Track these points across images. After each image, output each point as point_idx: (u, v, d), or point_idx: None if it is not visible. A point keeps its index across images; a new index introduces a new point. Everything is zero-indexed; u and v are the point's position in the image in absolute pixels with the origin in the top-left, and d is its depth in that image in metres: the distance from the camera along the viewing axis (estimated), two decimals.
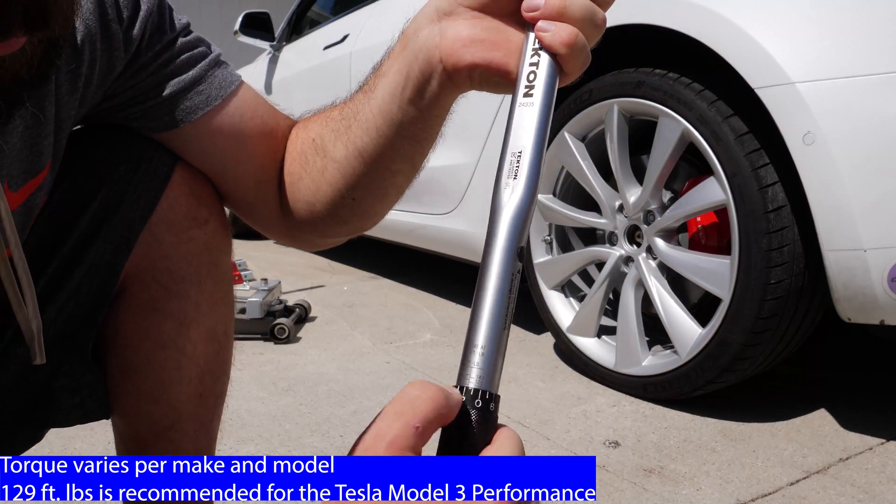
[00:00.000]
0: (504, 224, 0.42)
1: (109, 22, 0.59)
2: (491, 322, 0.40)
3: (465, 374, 0.40)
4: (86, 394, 0.69)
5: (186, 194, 0.67)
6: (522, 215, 0.43)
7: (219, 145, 0.67)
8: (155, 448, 0.72)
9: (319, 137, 0.66)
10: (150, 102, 0.63)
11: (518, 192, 0.43)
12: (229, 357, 0.76)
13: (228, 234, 0.73)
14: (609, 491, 1.22)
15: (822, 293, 1.37)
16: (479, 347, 0.40)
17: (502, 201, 0.43)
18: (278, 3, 5.54)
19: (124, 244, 0.65)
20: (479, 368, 0.39)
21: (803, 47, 1.25)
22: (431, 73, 0.53)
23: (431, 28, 0.53)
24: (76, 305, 0.65)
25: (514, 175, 0.44)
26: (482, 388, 0.39)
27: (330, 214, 0.68)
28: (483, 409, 0.39)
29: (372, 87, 0.59)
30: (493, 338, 0.40)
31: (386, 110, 0.58)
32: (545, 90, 0.45)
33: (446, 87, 0.54)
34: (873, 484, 1.23)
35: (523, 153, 0.44)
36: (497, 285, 0.41)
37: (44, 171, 0.58)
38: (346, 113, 0.62)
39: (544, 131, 0.45)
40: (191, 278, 0.68)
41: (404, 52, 0.55)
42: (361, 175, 0.63)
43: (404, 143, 0.59)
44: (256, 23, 3.64)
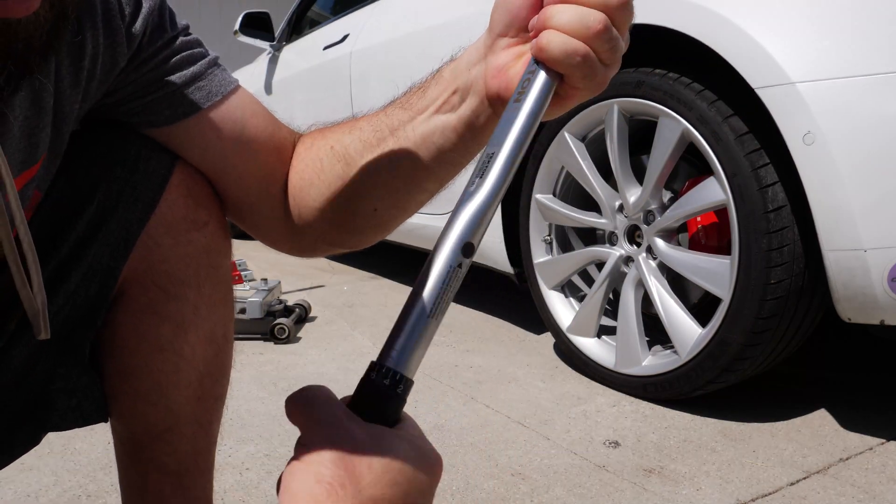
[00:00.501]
0: (457, 218, 0.44)
1: (112, 17, 0.59)
2: (420, 309, 0.42)
3: (385, 352, 0.42)
4: (82, 396, 0.68)
5: (185, 196, 0.67)
6: (477, 213, 0.44)
7: (220, 140, 0.66)
8: (153, 450, 0.72)
9: (340, 145, 0.66)
10: (151, 97, 0.63)
11: (480, 190, 0.45)
12: (229, 359, 0.75)
13: (228, 236, 0.72)
14: (609, 491, 1.22)
15: (822, 293, 1.37)
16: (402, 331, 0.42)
17: (463, 198, 0.45)
18: (278, 3, 5.54)
19: (122, 247, 0.65)
20: (396, 350, 0.42)
21: (803, 47, 1.25)
22: (479, 107, 0.56)
23: (480, 65, 0.56)
24: (73, 308, 0.65)
25: (479, 174, 0.45)
26: (394, 368, 0.41)
27: (344, 222, 0.68)
28: (390, 389, 0.41)
29: (413, 107, 0.61)
30: (418, 323, 0.41)
31: (429, 135, 0.60)
32: (532, 96, 0.47)
33: (493, 119, 0.56)
34: (873, 484, 1.23)
35: (495, 154, 0.45)
36: (434, 274, 0.42)
37: (37, 163, 0.58)
38: (379, 125, 0.63)
39: (522, 135, 0.46)
40: (189, 281, 0.68)
41: (455, 83, 0.58)
42: (390, 189, 0.64)
43: (440, 166, 0.62)
44: (256, 23, 3.64)
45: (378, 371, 0.41)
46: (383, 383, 0.41)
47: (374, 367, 0.42)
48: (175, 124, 0.65)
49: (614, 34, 0.48)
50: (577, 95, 0.51)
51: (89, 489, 1.21)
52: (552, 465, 1.32)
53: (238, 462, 1.32)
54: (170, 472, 0.72)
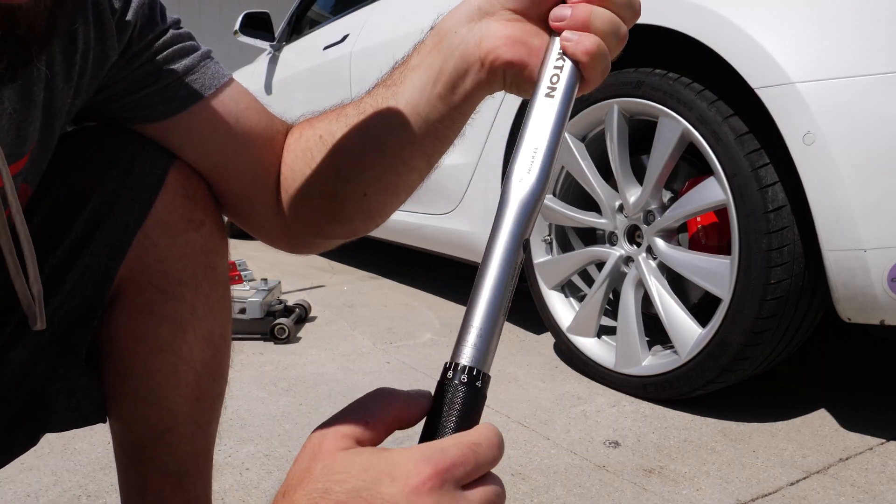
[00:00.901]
0: (513, 214, 0.45)
1: (102, 11, 0.59)
2: (490, 305, 0.42)
3: (459, 351, 0.42)
4: (81, 396, 0.68)
5: (181, 196, 0.66)
6: (531, 208, 0.45)
7: (216, 134, 0.66)
8: (152, 451, 0.71)
9: (328, 133, 0.65)
10: (144, 91, 0.63)
11: (529, 185, 0.45)
12: (227, 360, 0.75)
13: (225, 235, 0.72)
14: (609, 491, 1.22)
15: (822, 293, 1.37)
16: (476, 328, 0.42)
17: (514, 193, 0.45)
18: (278, 3, 5.54)
19: (119, 248, 0.65)
20: (474, 347, 0.41)
21: (803, 47, 1.25)
22: (468, 69, 0.55)
23: (472, 26, 0.54)
24: (71, 309, 0.65)
25: (528, 169, 0.46)
26: (475, 366, 0.41)
27: (335, 212, 0.67)
28: (471, 385, 0.41)
29: (397, 82, 0.60)
30: (490, 320, 0.42)
31: (413, 103, 0.59)
32: (565, 93, 0.48)
33: (480, 85, 0.55)
34: (873, 484, 1.23)
35: (538, 149, 0.46)
36: (499, 271, 0.43)
37: (25, 157, 0.58)
38: (364, 108, 0.63)
39: (560, 131, 0.47)
40: (187, 281, 0.67)
41: (439, 47, 0.56)
42: (378, 170, 0.63)
43: (427, 139, 0.60)
44: (256, 23, 3.64)
45: (455, 370, 0.41)
46: (465, 381, 0.41)
47: (451, 367, 0.41)
48: (169, 119, 0.65)
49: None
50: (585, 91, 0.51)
51: (89, 489, 1.21)
52: (552, 465, 1.32)
53: (238, 462, 1.32)
54: (169, 473, 0.72)
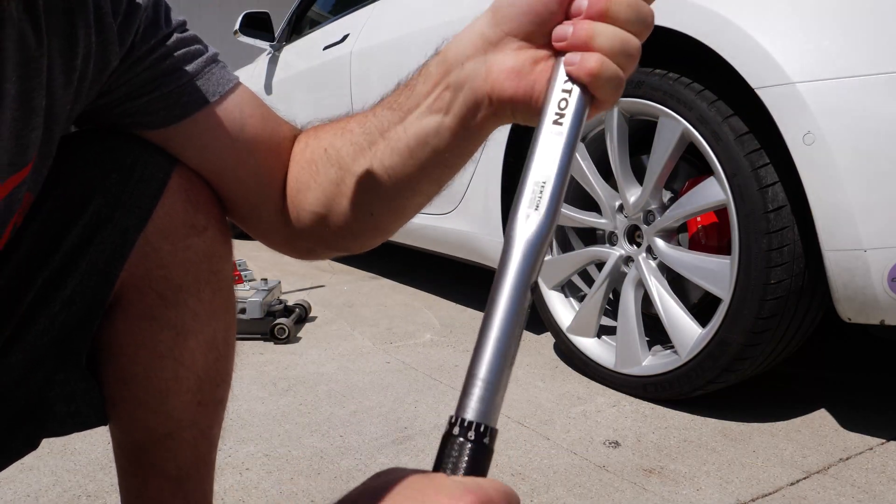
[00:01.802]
0: (519, 255, 0.42)
1: (104, 15, 0.58)
2: (495, 355, 0.39)
3: (464, 405, 0.39)
4: (81, 402, 0.68)
5: (183, 201, 0.65)
6: (538, 248, 0.42)
7: (219, 142, 0.65)
8: (153, 456, 0.71)
9: (333, 148, 0.64)
10: (146, 98, 0.62)
11: (536, 223, 0.42)
12: (230, 364, 0.74)
13: (228, 241, 0.71)
14: (609, 491, 1.22)
15: (822, 293, 1.37)
16: (481, 380, 0.39)
17: (519, 231, 0.42)
18: (278, 3, 5.54)
19: (119, 252, 0.64)
20: (481, 401, 0.39)
21: (803, 47, 1.25)
22: (478, 105, 0.53)
23: (478, 60, 0.52)
24: (70, 314, 0.64)
25: (535, 206, 0.43)
26: (482, 422, 0.38)
27: (342, 227, 0.67)
28: (478, 442, 0.38)
29: (402, 107, 0.59)
30: (496, 371, 0.39)
31: (422, 135, 0.57)
32: (573, 120, 0.45)
33: (490, 119, 0.54)
34: (873, 484, 1.23)
35: (546, 184, 0.43)
36: (505, 318, 0.40)
37: (28, 165, 0.57)
38: (370, 128, 0.61)
39: (569, 162, 0.44)
40: (188, 287, 0.67)
41: (447, 80, 0.54)
42: (385, 192, 0.62)
43: (435, 168, 0.59)
44: (256, 23, 3.64)
45: (461, 426, 0.39)
46: (470, 437, 0.38)
47: (456, 423, 0.39)
48: (171, 126, 0.64)
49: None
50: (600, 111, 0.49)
51: (89, 489, 1.21)
52: (552, 465, 1.32)
53: (238, 462, 1.32)
54: (170, 478, 0.72)
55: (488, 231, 2.06)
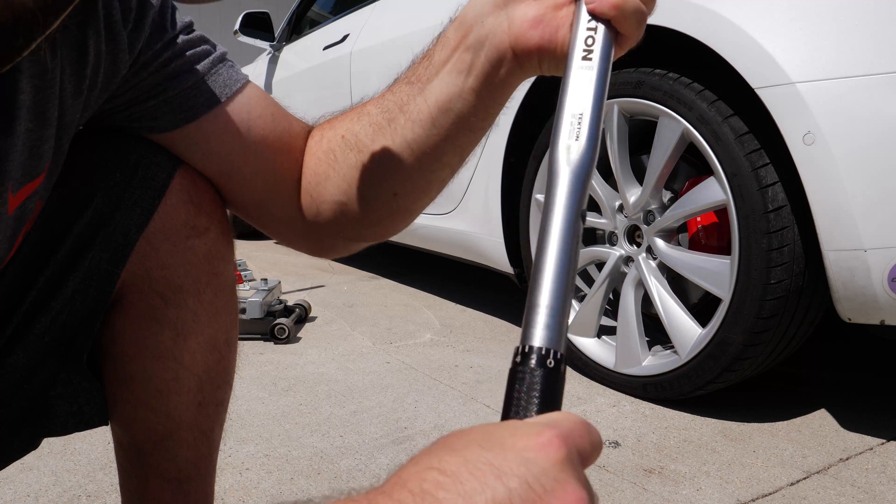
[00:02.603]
0: (566, 184, 0.42)
1: (114, 23, 0.57)
2: (557, 282, 0.39)
3: (529, 333, 0.38)
4: (83, 401, 0.68)
5: (185, 203, 0.65)
6: (584, 176, 0.42)
7: (224, 144, 0.65)
8: (153, 456, 0.71)
9: (351, 133, 0.64)
10: (152, 102, 0.62)
11: (579, 152, 0.43)
12: (231, 365, 0.74)
13: (230, 242, 0.71)
14: (609, 491, 1.22)
15: (822, 293, 1.37)
16: (545, 307, 0.39)
17: (562, 162, 0.43)
18: (278, 3, 5.54)
19: (120, 252, 0.64)
20: (547, 328, 0.38)
21: (803, 47, 1.25)
22: (501, 60, 0.53)
23: (498, 15, 0.53)
24: (71, 313, 0.65)
25: (575, 136, 0.43)
26: (551, 347, 0.38)
27: (364, 214, 0.66)
28: (549, 368, 0.37)
29: (422, 78, 0.59)
30: (560, 297, 0.39)
31: (444, 101, 0.57)
32: (602, 54, 0.46)
33: (514, 73, 0.54)
34: (873, 484, 1.23)
35: (584, 115, 0.44)
36: (561, 245, 0.40)
37: (41, 175, 0.57)
38: (388, 105, 0.61)
39: (603, 94, 0.45)
40: (189, 288, 0.67)
41: (466, 40, 0.55)
42: (408, 168, 0.62)
43: (459, 134, 0.59)
44: (256, 23, 3.64)
45: (532, 353, 0.37)
46: (544, 364, 0.37)
47: (526, 352, 0.38)
48: (176, 130, 0.63)
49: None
50: (626, 48, 0.50)
51: (89, 489, 1.21)
52: None
53: (238, 462, 1.32)
54: (170, 479, 0.72)
55: (488, 231, 2.06)
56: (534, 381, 0.37)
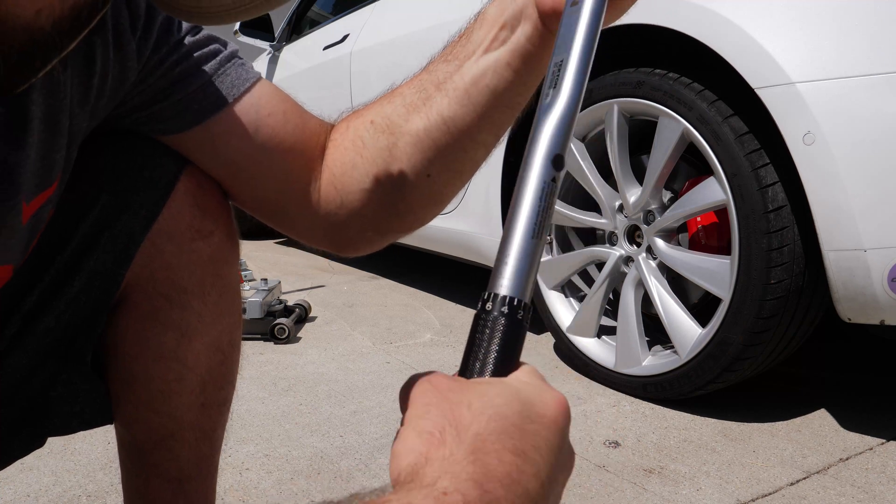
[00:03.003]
0: (539, 131, 0.41)
1: (123, 32, 0.57)
2: (524, 230, 0.39)
3: (495, 282, 0.39)
4: (85, 402, 0.68)
5: (190, 205, 0.65)
6: (560, 123, 0.41)
7: (231, 145, 0.64)
8: (155, 456, 0.71)
9: (381, 116, 0.63)
10: (159, 105, 0.62)
11: (556, 100, 0.42)
12: (234, 367, 0.74)
13: (235, 244, 0.71)
14: (609, 491, 1.22)
15: (822, 293, 1.37)
16: (511, 256, 0.39)
17: (539, 111, 0.42)
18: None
19: (125, 253, 0.64)
20: (511, 276, 0.38)
21: (803, 47, 1.25)
22: (533, 32, 0.54)
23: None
24: (75, 314, 0.65)
25: (553, 84, 0.42)
26: (514, 296, 0.38)
27: (393, 200, 0.65)
28: (511, 316, 0.38)
29: (460, 56, 0.59)
30: (525, 246, 0.39)
31: (480, 77, 0.58)
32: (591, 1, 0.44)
33: (547, 40, 0.54)
34: (873, 484, 1.23)
35: (564, 62, 0.43)
36: (529, 193, 0.40)
37: (53, 184, 0.57)
38: (424, 84, 0.61)
39: (589, 40, 0.43)
40: (193, 290, 0.66)
41: (502, 18, 0.56)
42: (444, 147, 0.61)
43: (495, 111, 0.59)
44: (256, 22, 3.64)
45: (494, 300, 0.38)
46: (501, 311, 0.37)
47: (487, 299, 0.38)
48: (183, 132, 0.63)
49: None
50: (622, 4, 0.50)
51: (89, 489, 1.21)
52: None
53: (238, 462, 1.32)
54: (171, 479, 0.72)
55: (488, 231, 2.06)
56: (496, 329, 0.37)
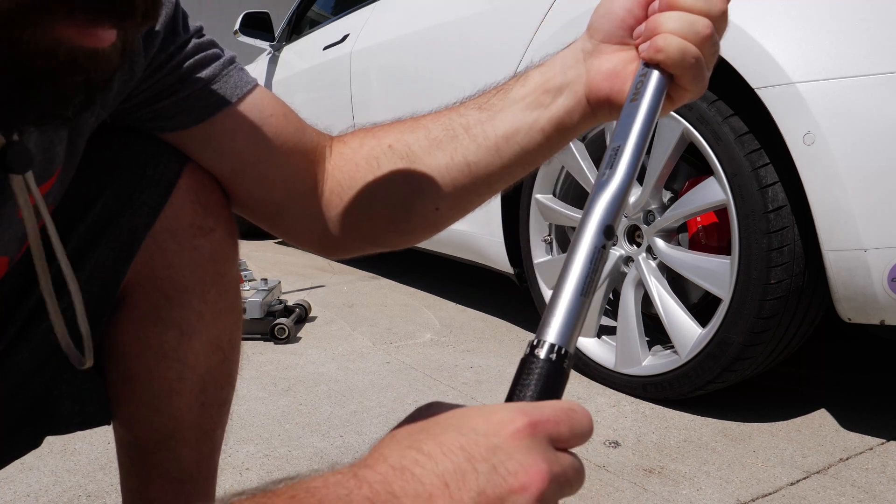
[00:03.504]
0: (594, 203, 0.47)
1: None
2: (573, 288, 0.44)
3: (544, 330, 0.43)
4: (86, 401, 0.68)
5: (192, 202, 0.65)
6: (613, 199, 0.47)
7: (235, 143, 0.65)
8: (155, 456, 0.71)
9: (401, 143, 0.65)
10: (164, 103, 0.62)
11: (612, 179, 0.47)
12: (235, 366, 0.74)
13: (235, 243, 0.71)
14: (609, 491, 1.22)
15: (822, 293, 1.37)
16: (562, 308, 0.43)
17: (597, 186, 0.48)
18: (278, 3, 5.55)
19: (126, 250, 0.64)
20: (560, 326, 0.42)
21: (803, 47, 1.25)
22: (576, 107, 0.58)
23: (579, 66, 0.58)
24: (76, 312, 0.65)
25: (610, 165, 0.48)
26: (561, 345, 0.42)
27: (398, 222, 0.67)
28: (556, 362, 0.41)
29: (495, 108, 0.62)
30: (576, 301, 0.43)
31: (511, 134, 0.61)
32: (646, 94, 0.51)
33: (587, 120, 0.59)
34: (873, 484, 1.23)
35: (621, 147, 0.49)
36: (582, 255, 0.45)
37: (53, 177, 0.57)
38: (451, 124, 0.64)
39: (645, 130, 0.49)
40: (194, 288, 0.67)
41: (546, 85, 0.59)
42: (460, 187, 0.64)
43: (518, 166, 0.63)
44: (256, 23, 3.64)
45: (542, 346, 0.42)
46: (550, 358, 0.41)
47: (536, 345, 0.42)
48: (188, 129, 0.63)
49: (717, 38, 0.53)
50: (685, 97, 0.54)
51: (89, 489, 1.21)
52: None
53: (238, 462, 1.32)
54: (171, 479, 0.72)
55: (489, 231, 2.06)
56: (541, 372, 0.41)
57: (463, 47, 2.09)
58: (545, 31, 1.76)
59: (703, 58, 0.52)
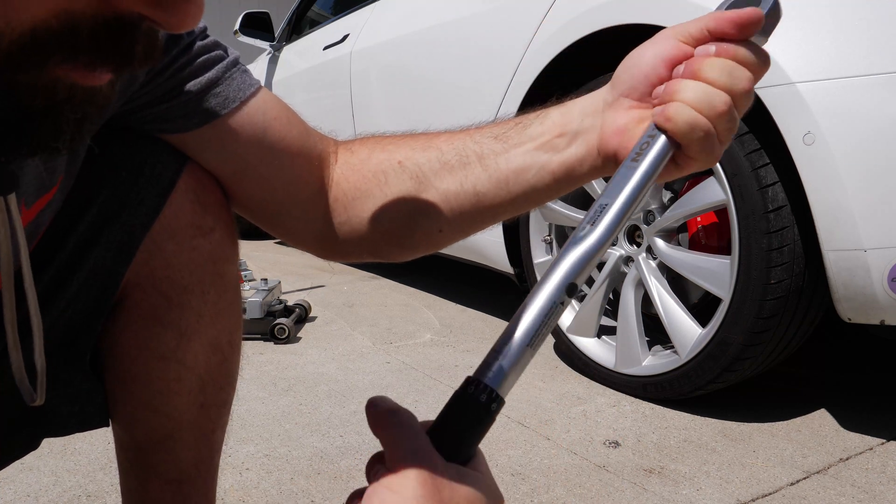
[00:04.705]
0: (565, 259, 0.46)
1: None
2: (521, 337, 0.44)
3: (483, 371, 0.43)
4: (84, 402, 0.67)
5: (191, 202, 0.65)
6: (584, 257, 0.46)
7: (238, 145, 0.65)
8: (154, 457, 0.71)
9: (411, 161, 0.65)
10: (165, 105, 0.62)
11: (589, 236, 0.47)
12: (234, 367, 0.74)
13: (235, 243, 0.71)
14: (609, 491, 1.22)
15: (822, 293, 1.37)
16: (504, 355, 0.43)
17: (571, 240, 0.47)
18: (278, 3, 5.54)
19: (125, 251, 0.63)
20: (498, 371, 0.43)
21: (803, 47, 1.25)
22: (587, 156, 0.58)
23: (596, 117, 0.58)
24: (75, 312, 0.64)
25: (591, 221, 0.48)
26: (494, 389, 0.42)
27: (400, 237, 0.68)
28: (486, 405, 0.42)
29: (509, 140, 0.62)
30: (518, 351, 0.44)
31: (522, 170, 0.61)
32: (647, 158, 0.50)
33: (596, 171, 0.59)
34: (873, 484, 1.23)
35: (608, 206, 0.48)
36: (537, 307, 0.45)
37: (54, 187, 0.57)
38: (465, 150, 0.64)
39: (635, 193, 0.48)
40: (193, 288, 0.66)
41: (563, 128, 0.60)
42: (466, 214, 0.65)
43: (525, 202, 0.63)
44: (256, 23, 3.64)
45: (476, 386, 0.43)
46: (480, 398, 0.42)
47: (471, 382, 0.43)
48: (190, 132, 0.63)
49: (735, 115, 0.51)
50: (692, 166, 0.53)
51: (89, 489, 1.21)
52: (552, 465, 1.32)
53: (238, 462, 1.32)
54: (170, 479, 0.72)
55: (488, 231, 2.06)
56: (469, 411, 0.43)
57: (463, 47, 2.09)
58: (545, 31, 1.76)
59: (717, 133, 0.50)
